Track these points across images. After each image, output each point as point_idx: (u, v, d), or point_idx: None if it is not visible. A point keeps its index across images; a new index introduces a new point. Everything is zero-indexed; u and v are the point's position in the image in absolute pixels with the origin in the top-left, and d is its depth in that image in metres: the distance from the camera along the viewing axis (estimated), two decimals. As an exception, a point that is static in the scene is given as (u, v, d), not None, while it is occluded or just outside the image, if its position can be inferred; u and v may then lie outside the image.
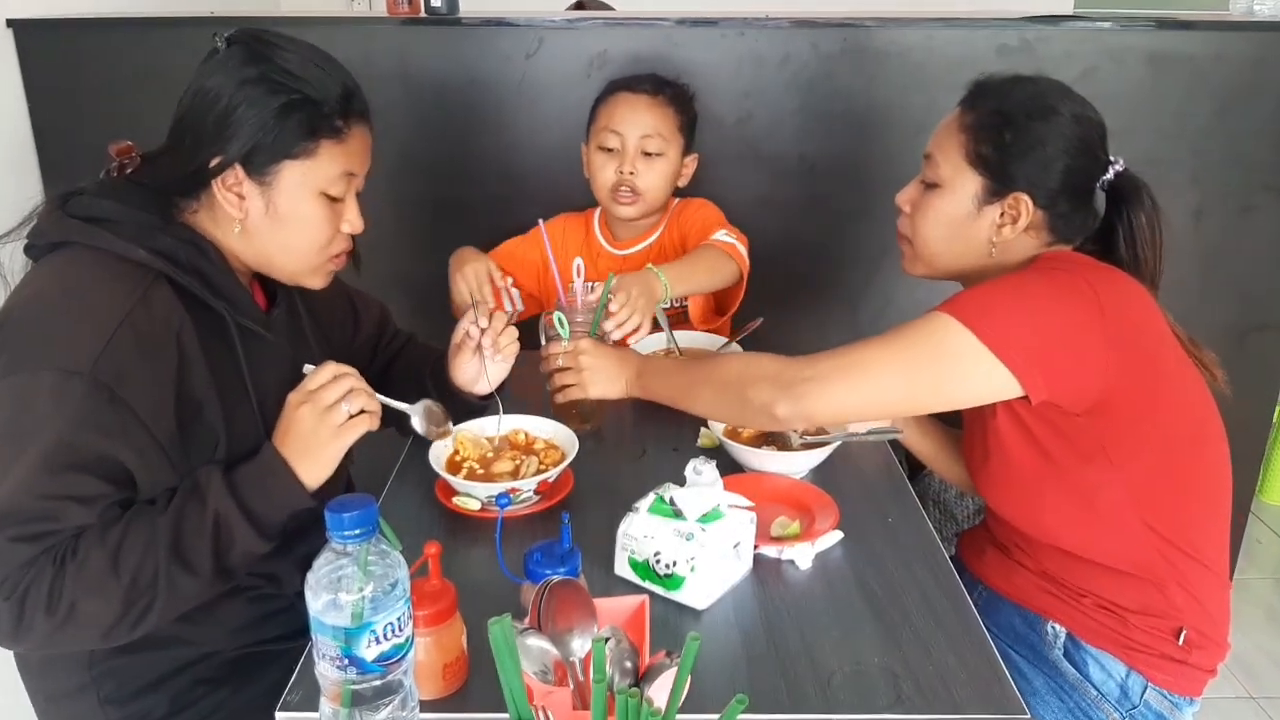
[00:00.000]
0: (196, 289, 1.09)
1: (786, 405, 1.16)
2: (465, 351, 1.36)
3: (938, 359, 1.12)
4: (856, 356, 1.15)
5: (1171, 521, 1.18)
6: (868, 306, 2.15)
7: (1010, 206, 1.21)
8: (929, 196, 1.27)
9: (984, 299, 1.13)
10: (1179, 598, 1.20)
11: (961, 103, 1.27)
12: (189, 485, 1.06)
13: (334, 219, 1.14)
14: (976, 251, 1.25)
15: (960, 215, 1.24)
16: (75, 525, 0.99)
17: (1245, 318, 2.17)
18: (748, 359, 1.25)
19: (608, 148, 1.78)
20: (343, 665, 0.77)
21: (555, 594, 0.88)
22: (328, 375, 1.10)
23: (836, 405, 1.16)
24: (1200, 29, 1.99)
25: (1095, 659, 1.22)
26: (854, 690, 0.95)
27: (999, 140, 1.20)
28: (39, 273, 1.09)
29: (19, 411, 0.98)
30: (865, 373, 1.15)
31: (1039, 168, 1.20)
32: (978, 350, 1.09)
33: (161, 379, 1.05)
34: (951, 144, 1.24)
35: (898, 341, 1.14)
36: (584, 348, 1.39)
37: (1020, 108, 1.21)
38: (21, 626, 0.98)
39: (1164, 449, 1.17)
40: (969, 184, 1.23)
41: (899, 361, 1.14)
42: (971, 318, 1.10)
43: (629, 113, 1.76)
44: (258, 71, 1.07)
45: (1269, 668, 2.28)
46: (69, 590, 0.97)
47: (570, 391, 1.39)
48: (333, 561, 0.77)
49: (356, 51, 1.85)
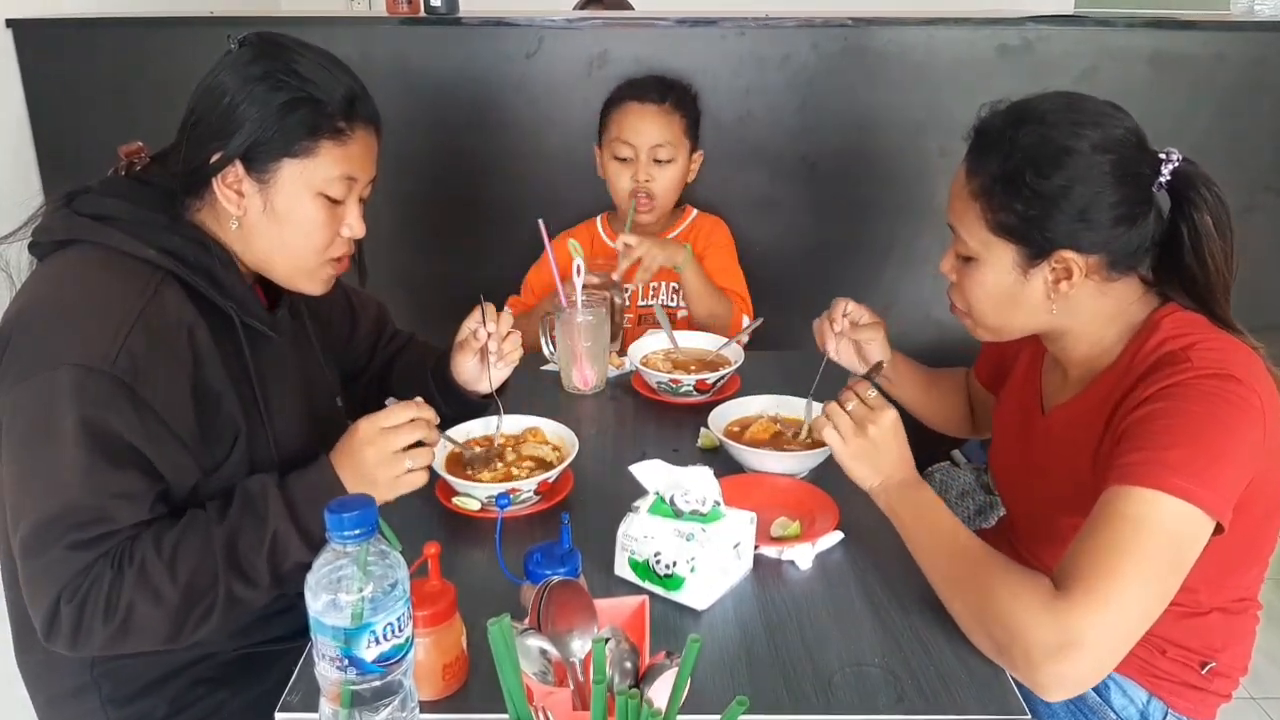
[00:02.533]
0: (204, 288, 1.09)
1: (1055, 685, 0.96)
2: (468, 350, 1.36)
3: (1180, 551, 0.98)
4: (1111, 591, 0.95)
5: (1237, 581, 1.18)
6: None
7: (1056, 265, 1.09)
8: (968, 270, 1.15)
9: (1190, 460, 0.98)
10: (1219, 637, 1.18)
11: (967, 158, 1.14)
12: (243, 497, 1.07)
13: (333, 222, 1.14)
14: (1039, 313, 1.14)
15: (1006, 285, 1.12)
16: (128, 524, 1.00)
17: (1246, 318, 2.17)
18: (1020, 589, 0.98)
19: (621, 157, 1.85)
20: (342, 666, 0.77)
21: (555, 594, 0.87)
22: (404, 417, 1.10)
23: (1108, 662, 0.97)
24: (1200, 29, 1.99)
25: (1117, 684, 1.20)
26: (854, 690, 0.95)
27: (1014, 208, 1.07)
28: (47, 271, 1.09)
29: (44, 412, 0.98)
30: (1127, 614, 0.96)
31: (1073, 220, 1.06)
32: (1205, 522, 0.99)
33: (177, 376, 1.05)
34: (969, 215, 1.12)
35: (1141, 551, 0.96)
36: (890, 423, 1.14)
37: (1028, 163, 1.06)
38: (80, 632, 0.99)
39: (1253, 532, 1.14)
40: (1003, 255, 1.10)
41: (1153, 575, 0.97)
42: (1192, 491, 0.97)
43: (638, 123, 1.82)
44: (263, 69, 1.07)
45: (1269, 668, 2.27)
46: (126, 597, 0.98)
47: (829, 435, 1.16)
48: (332, 562, 0.77)
49: (356, 51, 1.85)
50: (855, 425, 1.14)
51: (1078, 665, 0.94)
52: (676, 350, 1.69)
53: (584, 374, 1.62)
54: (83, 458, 0.97)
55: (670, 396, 1.60)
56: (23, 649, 1.19)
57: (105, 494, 0.99)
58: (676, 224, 1.95)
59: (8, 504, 1.03)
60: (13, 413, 1.00)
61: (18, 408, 1.00)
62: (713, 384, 1.58)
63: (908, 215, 2.07)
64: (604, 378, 1.66)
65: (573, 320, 1.59)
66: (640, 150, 1.82)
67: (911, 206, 2.06)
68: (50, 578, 0.98)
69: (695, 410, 1.53)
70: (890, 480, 1.14)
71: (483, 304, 1.35)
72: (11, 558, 1.05)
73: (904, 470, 1.15)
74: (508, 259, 2.05)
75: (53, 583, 0.98)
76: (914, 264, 2.10)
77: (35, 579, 1.00)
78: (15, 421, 1.00)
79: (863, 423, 1.14)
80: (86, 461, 0.97)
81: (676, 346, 1.69)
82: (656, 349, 1.70)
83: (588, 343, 1.61)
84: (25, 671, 1.21)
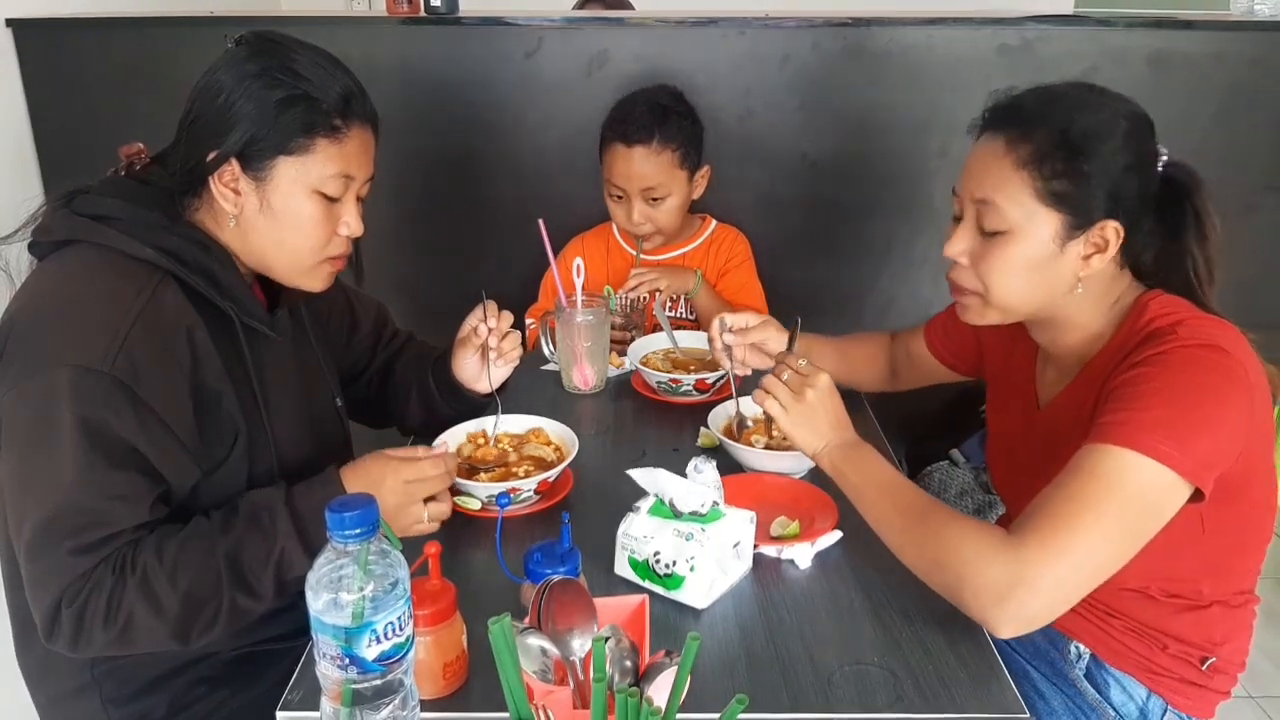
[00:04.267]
0: (203, 288, 1.09)
1: (1005, 624, 0.98)
2: (468, 347, 1.36)
3: (1147, 512, 0.99)
4: (1067, 542, 0.97)
5: (1236, 572, 1.18)
6: (869, 306, 2.15)
7: (1097, 235, 1.09)
8: (996, 245, 1.12)
9: (1167, 422, 0.99)
10: (1219, 630, 1.18)
11: (1000, 132, 1.12)
12: (250, 511, 1.07)
13: (330, 220, 1.14)
14: (1061, 291, 1.14)
15: (1041, 259, 1.11)
16: (126, 527, 1.00)
17: (1246, 318, 2.17)
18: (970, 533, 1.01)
19: (615, 195, 1.83)
20: (343, 664, 0.77)
21: (555, 594, 0.88)
22: (432, 470, 1.12)
23: (1059, 608, 0.99)
24: (1200, 29, 1.99)
25: (1117, 680, 1.21)
26: (854, 690, 0.95)
27: (1077, 172, 1.07)
28: (46, 271, 1.09)
29: (43, 413, 0.98)
30: (1082, 563, 0.97)
31: (1118, 189, 1.08)
32: (1179, 486, 0.99)
33: (176, 376, 1.05)
34: (1010, 185, 1.10)
35: (1103, 506, 0.97)
36: (824, 385, 1.19)
37: (1089, 129, 1.07)
38: (81, 636, 0.99)
39: (1250, 516, 1.15)
40: (1046, 225, 1.09)
41: (1114, 532, 0.98)
42: (1166, 453, 0.98)
43: (625, 167, 1.79)
44: (260, 67, 1.07)
45: (1269, 668, 2.28)
46: (127, 604, 0.99)
47: (770, 405, 1.20)
48: (333, 561, 0.77)
49: (356, 51, 1.84)
50: (793, 393, 1.19)
51: (1026, 606, 0.97)
52: (676, 350, 1.69)
53: (584, 374, 1.63)
54: (82, 459, 0.97)
55: (670, 396, 1.60)
56: (23, 648, 1.20)
57: (105, 495, 0.99)
58: (694, 236, 1.94)
59: (8, 505, 1.03)
60: (12, 413, 1.00)
61: (17, 408, 1.00)
62: (713, 384, 1.59)
63: (907, 215, 2.07)
64: (604, 378, 1.66)
65: (573, 320, 1.59)
66: (631, 193, 1.80)
67: (911, 206, 2.06)
68: (51, 581, 0.99)
69: (695, 410, 1.53)
70: (833, 442, 1.18)
71: (484, 301, 1.35)
72: (12, 557, 1.05)
73: (844, 430, 1.19)
74: (507, 259, 2.05)
75: (54, 586, 0.99)
76: (913, 264, 2.10)
77: (37, 581, 1.00)
78: (14, 422, 1.00)
79: (800, 389, 1.19)
80: (86, 462, 0.98)
81: (676, 346, 1.69)
82: (656, 349, 1.70)
83: (588, 343, 1.61)
84: (26, 671, 1.21)
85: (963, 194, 1.16)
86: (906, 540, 1.07)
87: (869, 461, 1.15)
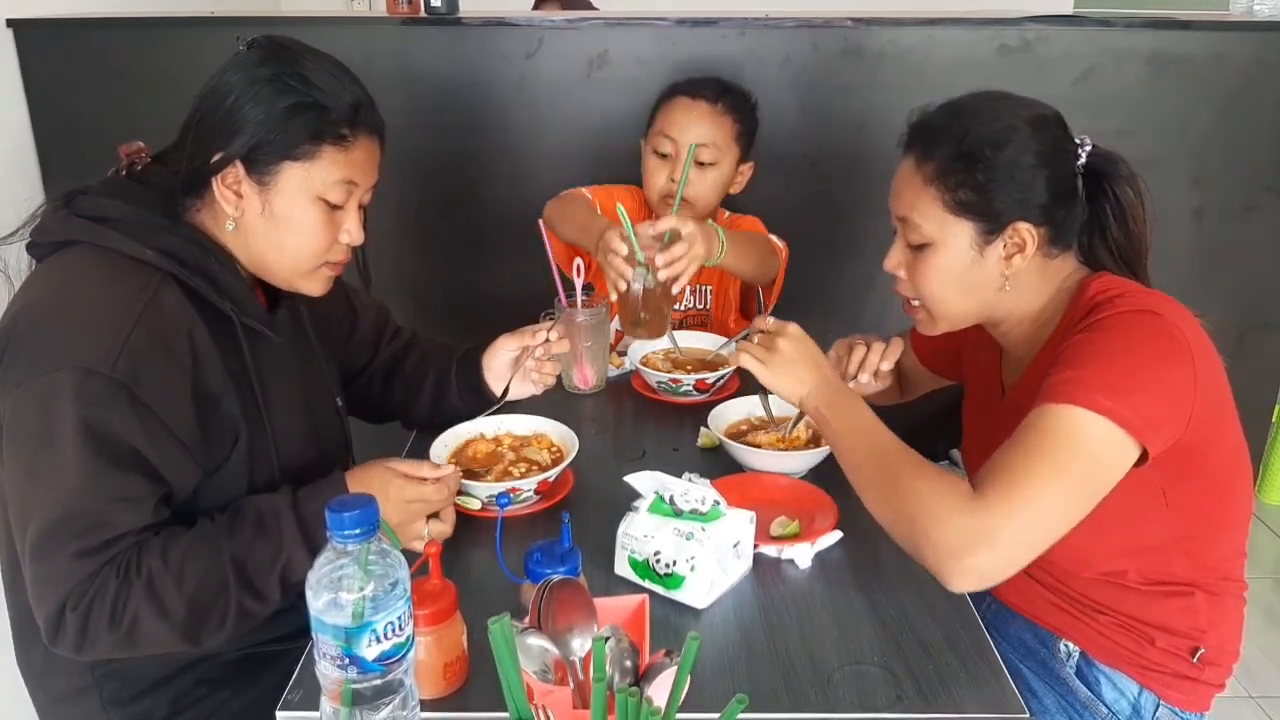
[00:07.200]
0: (203, 289, 1.09)
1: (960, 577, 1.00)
2: (516, 340, 1.40)
3: (1096, 465, 1.02)
4: (1025, 497, 0.99)
5: (1210, 550, 1.19)
6: (869, 306, 2.16)
7: (1011, 238, 1.15)
8: (923, 258, 1.19)
9: (1109, 380, 1.03)
10: (1204, 617, 1.19)
11: (910, 153, 1.20)
12: (255, 516, 1.07)
13: (331, 227, 1.13)
14: (992, 291, 1.19)
15: (964, 265, 1.17)
16: (130, 529, 1.00)
17: (1245, 318, 2.18)
18: (935, 486, 1.04)
19: (662, 152, 1.76)
20: (343, 664, 0.77)
21: (555, 594, 0.88)
22: (436, 496, 1.14)
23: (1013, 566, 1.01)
24: (1200, 29, 1.99)
25: (1108, 678, 1.21)
26: (854, 690, 0.95)
27: (974, 182, 1.13)
28: (46, 273, 1.09)
29: (44, 415, 0.98)
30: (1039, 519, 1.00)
31: (1023, 191, 1.13)
32: (1126, 442, 1.02)
33: (177, 377, 1.05)
34: (924, 200, 1.17)
35: (1055, 460, 1.01)
36: (795, 332, 1.22)
37: (980, 141, 1.13)
38: (86, 639, 0.99)
39: (1214, 489, 1.16)
40: (961, 233, 1.15)
41: (1068, 487, 1.01)
42: (1110, 408, 1.01)
43: (684, 118, 1.74)
44: (271, 72, 1.07)
45: (1269, 668, 2.28)
46: (132, 608, 0.99)
47: (746, 360, 1.23)
48: (333, 561, 0.77)
49: (356, 51, 1.85)
50: (765, 346, 1.23)
51: (985, 560, 0.99)
52: (676, 350, 1.69)
53: (584, 374, 1.63)
54: (84, 461, 0.97)
55: (670, 396, 1.60)
56: (24, 649, 1.19)
57: (107, 497, 0.99)
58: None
59: (10, 507, 1.03)
60: (13, 415, 1.00)
61: (18, 410, 1.00)
62: (712, 384, 1.59)
63: (907, 215, 2.07)
64: (604, 377, 1.66)
65: (573, 320, 1.59)
66: (681, 147, 1.73)
67: (911, 206, 2.06)
68: (55, 584, 0.99)
69: (695, 410, 1.53)
70: (815, 386, 1.20)
71: (557, 320, 1.38)
72: (13, 558, 1.05)
73: (824, 372, 1.21)
74: (507, 259, 2.05)
75: (58, 589, 0.98)
76: (914, 264, 2.10)
77: (41, 584, 1.00)
78: (16, 424, 1.00)
79: (771, 340, 1.22)
80: (89, 465, 0.98)
81: (676, 346, 1.69)
82: (656, 349, 1.70)
83: (588, 343, 1.61)
84: (26, 672, 1.21)
85: (891, 212, 1.23)
86: (874, 488, 1.10)
87: (852, 409, 1.17)
